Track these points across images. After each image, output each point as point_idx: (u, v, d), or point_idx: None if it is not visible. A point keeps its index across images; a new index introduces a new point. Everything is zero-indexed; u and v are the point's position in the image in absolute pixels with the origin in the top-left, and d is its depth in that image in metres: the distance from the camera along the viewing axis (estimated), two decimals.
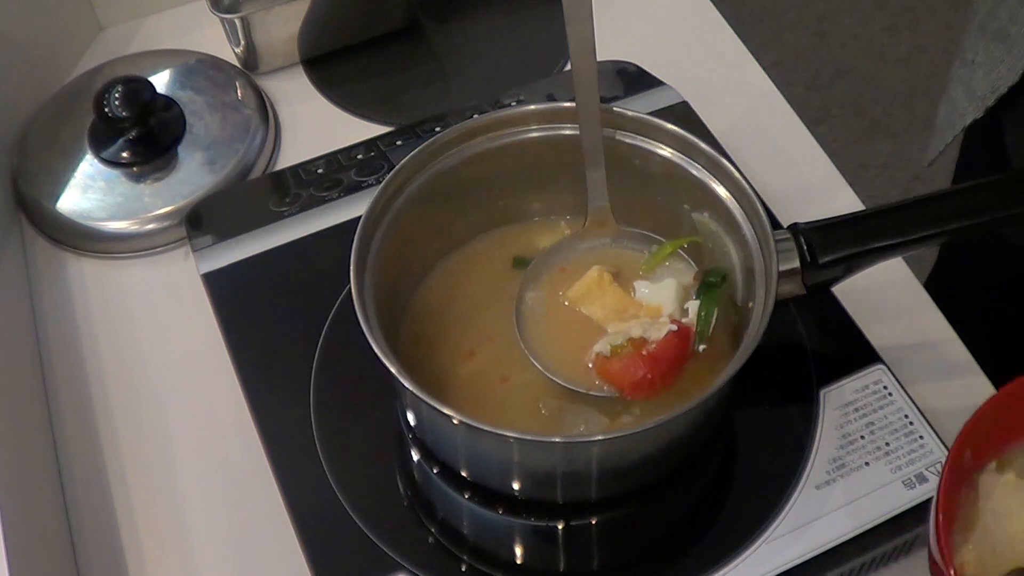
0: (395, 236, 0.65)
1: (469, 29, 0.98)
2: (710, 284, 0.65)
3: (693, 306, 0.64)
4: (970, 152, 0.89)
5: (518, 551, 0.65)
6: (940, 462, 0.63)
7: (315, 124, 0.91)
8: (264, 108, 0.89)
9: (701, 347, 0.64)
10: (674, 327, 0.62)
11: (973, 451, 0.53)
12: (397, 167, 0.66)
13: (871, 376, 0.68)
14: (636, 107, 0.77)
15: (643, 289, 0.66)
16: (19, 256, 0.83)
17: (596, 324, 0.66)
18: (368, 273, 0.62)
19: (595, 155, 0.66)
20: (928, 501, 0.62)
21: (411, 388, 0.57)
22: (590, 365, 0.63)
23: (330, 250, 0.75)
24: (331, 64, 0.95)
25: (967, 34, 0.80)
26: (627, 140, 0.68)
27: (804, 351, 0.70)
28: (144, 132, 0.84)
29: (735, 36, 0.95)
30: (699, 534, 0.63)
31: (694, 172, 0.66)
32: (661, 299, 0.65)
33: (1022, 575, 0.49)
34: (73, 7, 0.96)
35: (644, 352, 0.61)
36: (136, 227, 0.82)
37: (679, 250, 0.68)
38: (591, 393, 0.62)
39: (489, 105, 0.84)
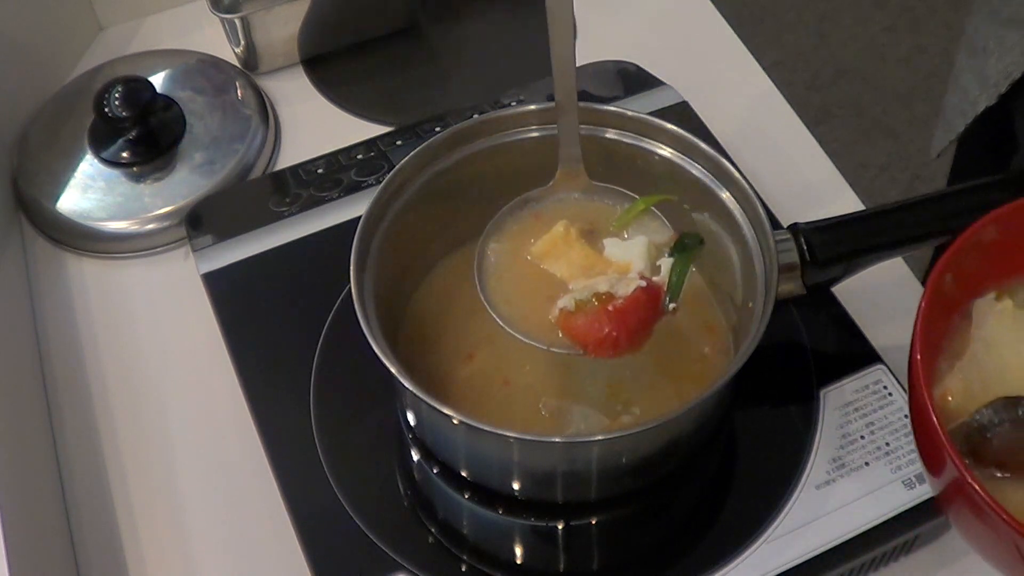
0: (395, 236, 0.65)
1: (469, 29, 0.98)
2: (686, 245, 0.62)
3: (666, 264, 0.61)
4: (971, 144, 0.89)
5: (518, 551, 0.65)
6: None
7: (315, 124, 0.91)
8: (264, 108, 0.89)
9: (672, 305, 0.60)
10: (643, 283, 0.59)
11: (965, 277, 0.51)
12: (397, 167, 0.66)
13: (871, 376, 0.68)
14: (636, 107, 0.78)
15: (612, 247, 0.63)
16: (19, 256, 0.83)
17: (560, 281, 0.63)
18: (368, 273, 0.62)
19: (568, 102, 0.63)
20: (927, 501, 0.62)
21: (411, 388, 0.57)
22: (553, 321, 0.61)
23: (330, 250, 0.75)
24: (331, 64, 0.95)
25: (975, 23, 0.80)
26: (627, 140, 0.68)
27: (804, 351, 0.70)
28: (144, 132, 0.84)
29: (735, 36, 0.95)
30: (699, 534, 0.63)
31: (694, 172, 0.66)
32: (631, 256, 0.62)
33: (1008, 404, 0.47)
34: (73, 7, 0.96)
35: (610, 308, 0.59)
36: (136, 227, 0.82)
37: (653, 208, 0.65)
38: (553, 350, 0.60)
39: (489, 105, 0.84)
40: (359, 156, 0.82)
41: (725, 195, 0.65)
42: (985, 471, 0.47)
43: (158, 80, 0.89)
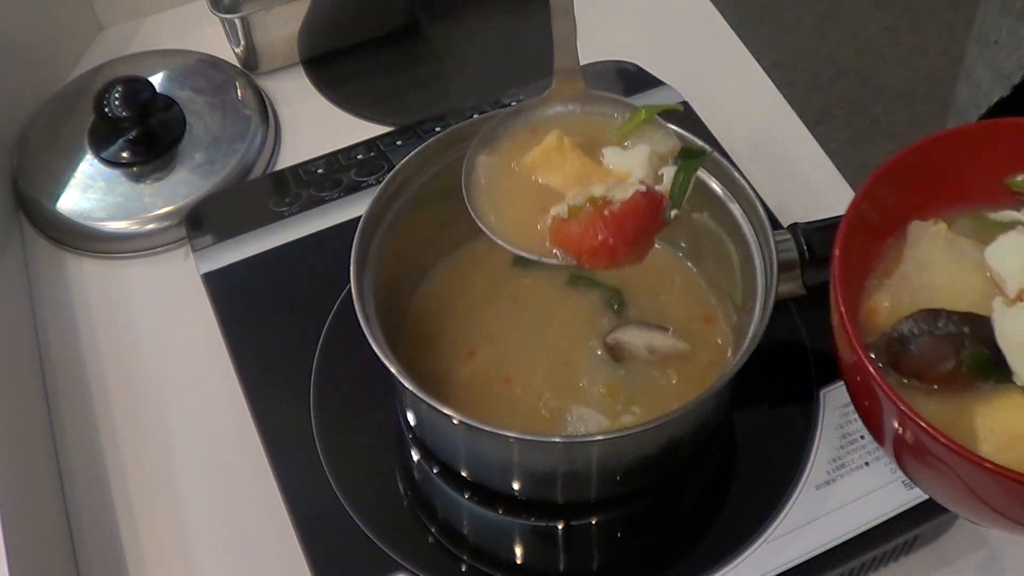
0: (395, 236, 0.65)
1: (469, 29, 0.98)
2: (692, 152, 0.59)
3: (669, 172, 0.58)
4: None
5: (518, 551, 0.65)
6: None
7: (315, 124, 0.91)
8: (264, 108, 0.89)
9: (673, 212, 0.57)
10: (642, 187, 0.56)
11: (885, 207, 0.52)
12: (397, 167, 0.66)
13: None
14: None
15: (612, 156, 0.59)
16: (19, 256, 0.83)
17: (555, 192, 0.59)
18: (368, 273, 0.62)
19: (562, 3, 0.59)
20: (927, 501, 0.62)
21: (411, 388, 0.56)
22: (546, 231, 0.57)
23: (330, 250, 0.75)
24: (331, 64, 0.95)
25: (984, 16, 0.80)
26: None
27: (804, 351, 0.70)
28: (144, 132, 0.84)
29: (735, 36, 0.95)
30: (699, 534, 0.63)
31: None
32: (632, 165, 0.58)
33: (928, 316, 0.48)
34: (73, 7, 0.96)
35: (606, 213, 0.55)
36: (136, 227, 0.82)
37: (657, 118, 0.60)
38: (544, 260, 0.57)
39: (489, 105, 0.84)
40: (359, 156, 0.82)
41: (725, 195, 0.65)
42: (904, 381, 0.48)
43: (158, 80, 0.89)
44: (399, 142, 0.83)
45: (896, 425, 0.46)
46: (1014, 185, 0.52)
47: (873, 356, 0.48)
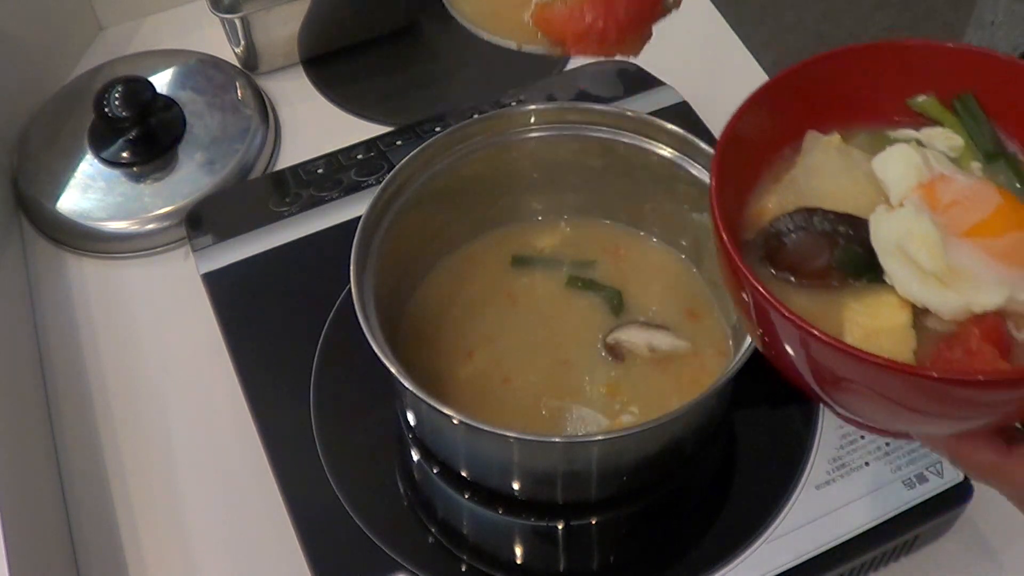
0: (395, 236, 0.65)
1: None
2: None
3: None
4: None
5: (518, 551, 0.65)
6: (940, 462, 0.63)
7: (315, 124, 0.91)
8: (264, 108, 0.90)
9: None
10: None
11: (802, 115, 0.52)
12: (397, 167, 0.66)
13: None
14: (636, 107, 0.78)
15: None
16: (19, 256, 0.83)
17: None
18: (368, 273, 0.62)
19: None
20: (927, 501, 0.62)
21: (411, 388, 0.56)
22: (529, 21, 0.54)
23: (330, 250, 0.75)
24: (331, 64, 0.95)
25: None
26: (627, 140, 0.68)
27: None
28: (144, 132, 0.84)
29: (735, 36, 0.95)
30: (699, 534, 0.63)
31: (694, 172, 0.66)
32: None
33: (805, 213, 0.48)
34: (73, 7, 0.96)
35: None
36: (136, 227, 0.82)
37: None
38: (525, 49, 0.54)
39: (489, 105, 0.84)
40: (359, 156, 0.82)
41: None
42: (779, 276, 0.48)
43: (158, 80, 0.89)
44: (399, 142, 0.83)
45: (763, 315, 0.46)
46: (915, 106, 0.52)
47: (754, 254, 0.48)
